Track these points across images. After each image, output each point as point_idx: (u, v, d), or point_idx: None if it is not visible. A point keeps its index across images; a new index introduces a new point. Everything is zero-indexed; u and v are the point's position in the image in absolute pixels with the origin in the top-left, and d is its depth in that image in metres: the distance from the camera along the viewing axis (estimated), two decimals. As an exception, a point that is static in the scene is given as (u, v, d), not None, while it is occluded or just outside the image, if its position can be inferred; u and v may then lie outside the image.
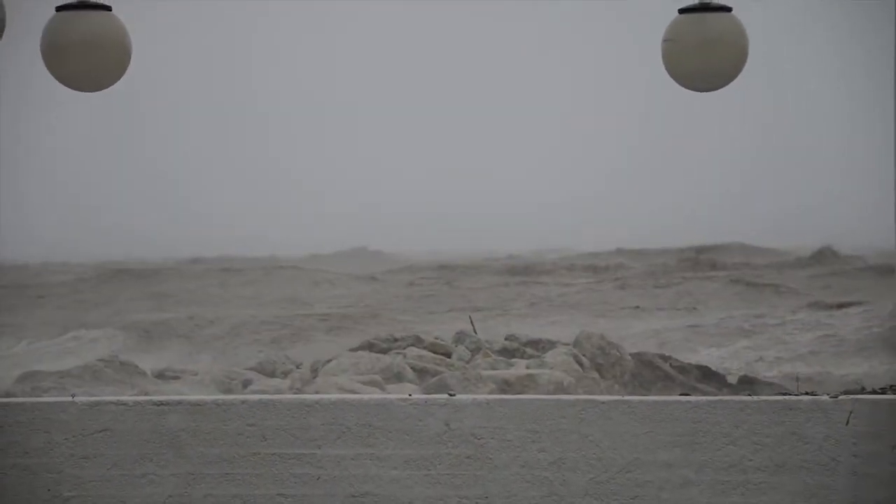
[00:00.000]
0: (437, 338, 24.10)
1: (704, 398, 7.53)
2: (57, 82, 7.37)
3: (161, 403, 7.65)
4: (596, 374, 21.51)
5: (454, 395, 7.79)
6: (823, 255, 63.09)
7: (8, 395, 13.05)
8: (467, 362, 21.39)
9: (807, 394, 8.53)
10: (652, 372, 22.58)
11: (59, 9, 7.30)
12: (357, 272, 61.73)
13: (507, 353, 22.72)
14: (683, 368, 24.24)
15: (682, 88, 7.57)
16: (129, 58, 7.42)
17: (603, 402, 7.43)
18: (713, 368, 26.49)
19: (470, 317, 29.70)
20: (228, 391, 18.88)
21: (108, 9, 7.31)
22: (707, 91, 7.41)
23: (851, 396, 7.44)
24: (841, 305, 45.06)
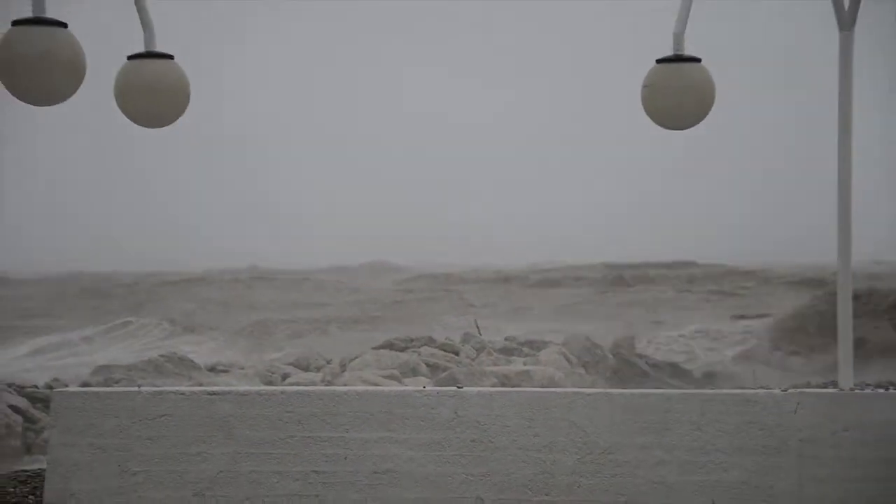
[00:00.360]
0: (447, 339, 24.19)
1: (675, 391, 7.73)
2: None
3: (213, 393, 7.83)
4: (582, 370, 21.57)
5: (461, 387, 7.93)
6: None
7: (85, 385, 13.27)
8: (473, 359, 21.47)
9: (762, 388, 8.62)
10: (629, 368, 22.71)
11: (130, 57, 7.40)
12: (375, 282, 60.88)
13: (507, 351, 22.85)
14: (656, 365, 24.41)
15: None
16: (188, 101, 7.49)
17: (588, 394, 7.59)
18: (681, 365, 26.69)
19: (475, 321, 29.66)
20: (269, 383, 18.90)
21: (171, 57, 7.46)
22: (679, 129, 7.49)
23: (798, 390, 7.65)
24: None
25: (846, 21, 7.44)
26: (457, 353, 21.93)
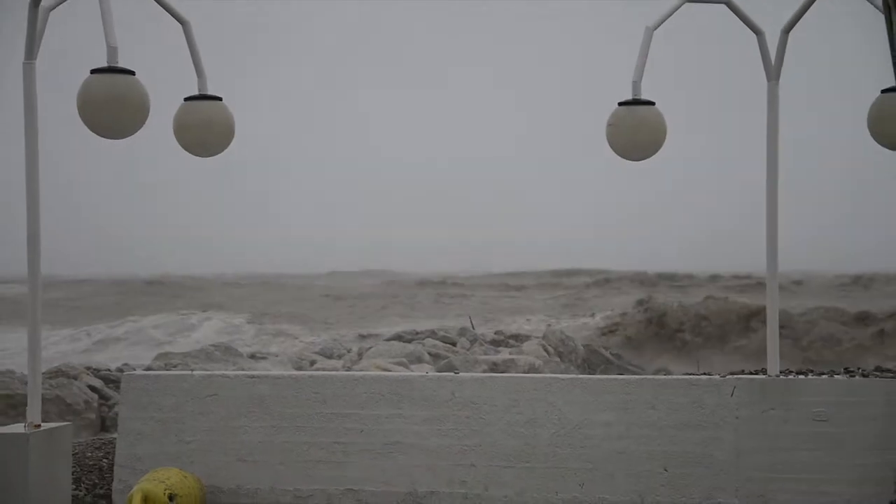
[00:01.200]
0: (446, 332, 24.33)
1: (633, 377, 7.68)
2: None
3: (253, 377, 7.85)
4: (558, 359, 21.59)
5: (458, 373, 7.92)
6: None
7: (149, 369, 13.30)
8: (467, 350, 21.53)
9: (705, 374, 8.57)
10: (596, 357, 22.78)
11: (186, 99, 7.37)
12: (379, 286, 60.64)
13: (496, 343, 22.92)
14: (619, 355, 24.51)
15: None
16: (233, 136, 7.44)
17: (562, 379, 7.61)
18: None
19: (469, 317, 29.75)
20: (300, 368, 18.88)
21: (220, 99, 7.40)
22: (637, 160, 7.41)
23: (735, 376, 7.66)
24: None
25: (773, 73, 7.44)
26: (454, 345, 21.99)
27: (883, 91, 6.92)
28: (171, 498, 7.10)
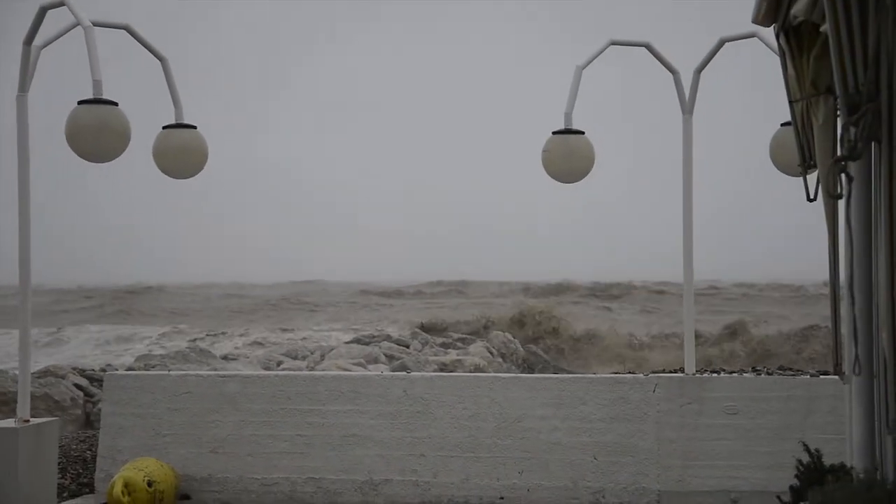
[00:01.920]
0: (400, 335, 24.34)
1: (567, 375, 7.75)
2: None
3: (224, 376, 7.82)
4: (500, 360, 21.66)
5: (410, 372, 7.99)
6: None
7: (130, 369, 13.18)
8: (419, 351, 21.54)
9: (630, 373, 8.62)
10: (535, 358, 22.88)
11: (164, 127, 7.27)
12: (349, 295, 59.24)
13: (445, 345, 22.95)
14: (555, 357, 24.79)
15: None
16: (205, 160, 7.43)
17: (504, 378, 7.64)
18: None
19: (423, 323, 29.74)
20: (268, 368, 18.78)
21: (194, 127, 7.32)
22: (569, 183, 7.44)
23: (657, 374, 7.73)
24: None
25: (687, 107, 7.53)
26: (407, 346, 21.98)
27: (782, 124, 7.03)
28: (149, 484, 7.05)
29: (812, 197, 4.49)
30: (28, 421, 6.86)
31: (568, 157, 7.29)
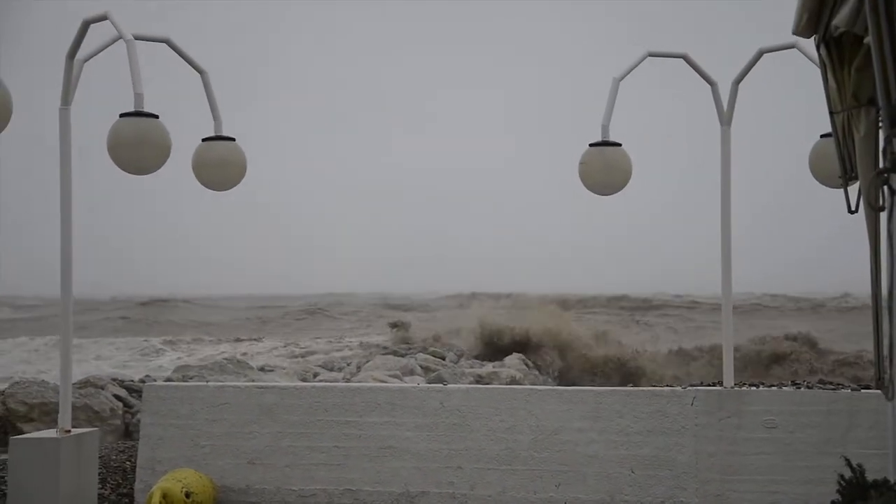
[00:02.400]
0: (436, 348, 24.31)
1: (604, 388, 7.66)
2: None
3: (261, 387, 7.86)
4: (537, 372, 21.58)
5: (447, 384, 7.96)
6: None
7: (168, 380, 13.26)
8: (455, 363, 21.54)
9: (668, 386, 8.55)
10: (571, 371, 22.76)
11: (204, 139, 7.33)
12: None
13: (480, 357, 22.91)
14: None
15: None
16: (244, 172, 7.49)
17: (540, 390, 7.62)
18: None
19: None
20: (304, 380, 18.86)
21: (233, 139, 7.39)
22: (606, 195, 7.40)
23: (694, 388, 7.62)
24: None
25: (725, 119, 7.49)
26: (443, 358, 21.98)
27: (822, 136, 7.01)
28: (187, 495, 7.08)
29: (853, 209, 4.45)
30: (69, 431, 6.92)
31: (605, 169, 7.28)
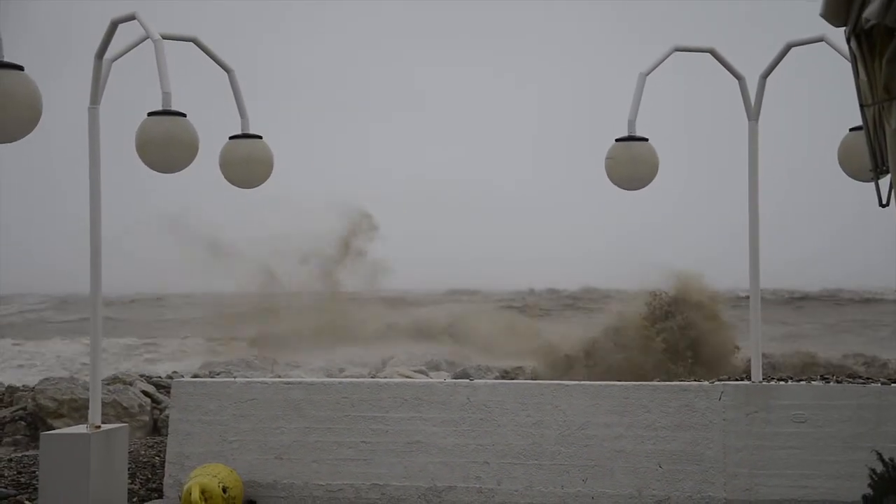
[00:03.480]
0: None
1: (631, 383, 7.65)
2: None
3: (289, 383, 7.87)
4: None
5: (473, 379, 7.99)
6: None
7: (195, 376, 13.35)
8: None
9: (695, 380, 8.53)
10: (598, 364, 22.53)
11: (231, 137, 7.37)
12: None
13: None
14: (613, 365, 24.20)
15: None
16: (271, 170, 7.57)
17: (567, 385, 7.60)
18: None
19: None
20: (331, 376, 18.95)
21: (260, 137, 7.39)
22: (633, 190, 7.42)
23: (722, 382, 7.59)
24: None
25: (752, 114, 7.45)
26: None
27: (851, 129, 6.99)
28: (224, 490, 7.15)
29: (885, 202, 4.42)
30: (99, 427, 6.98)
31: (631, 163, 7.28)
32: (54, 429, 9.00)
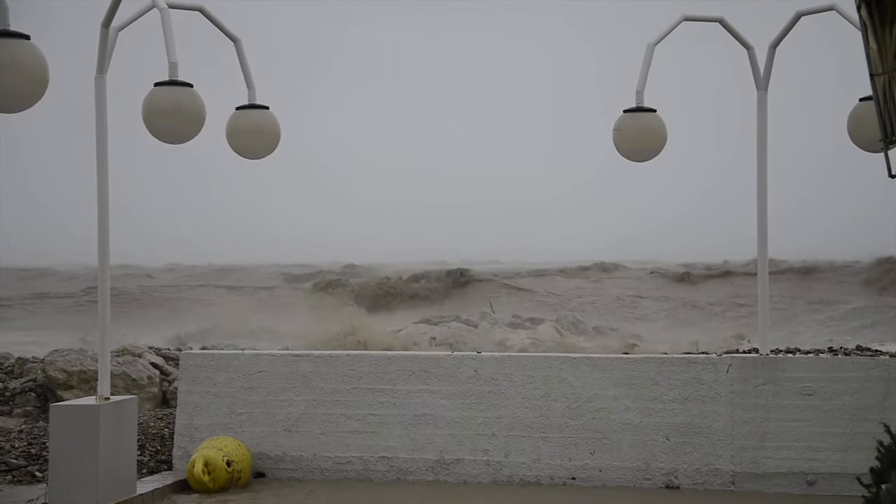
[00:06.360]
0: (469, 316, 24.29)
1: (638, 356, 7.70)
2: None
3: (296, 356, 7.90)
4: (570, 339, 21.49)
5: (480, 352, 7.98)
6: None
7: (204, 348, 13.39)
8: (488, 332, 21.52)
9: (703, 353, 8.54)
10: (605, 337, 22.61)
11: (238, 108, 7.35)
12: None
13: (513, 325, 22.83)
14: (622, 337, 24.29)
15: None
16: (278, 141, 7.58)
17: (574, 358, 7.61)
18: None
19: (490, 302, 29.44)
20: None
21: (267, 108, 7.37)
22: (641, 162, 7.36)
23: (730, 355, 7.65)
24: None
25: (762, 83, 7.40)
26: (476, 327, 21.97)
27: (861, 99, 6.96)
28: (228, 464, 7.17)
29: (894, 173, 4.39)
30: (108, 398, 7.00)
31: (640, 135, 7.22)
32: (64, 400, 9.01)
